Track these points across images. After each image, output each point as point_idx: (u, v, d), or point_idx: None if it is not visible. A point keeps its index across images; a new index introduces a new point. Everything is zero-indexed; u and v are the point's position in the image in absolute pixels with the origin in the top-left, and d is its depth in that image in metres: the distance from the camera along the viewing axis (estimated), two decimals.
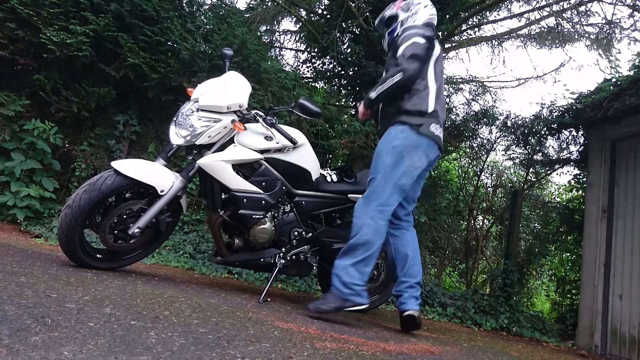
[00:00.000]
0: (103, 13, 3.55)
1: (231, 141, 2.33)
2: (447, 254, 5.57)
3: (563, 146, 5.02)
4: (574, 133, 4.76)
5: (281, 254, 2.42)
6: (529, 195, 5.46)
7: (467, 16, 5.66)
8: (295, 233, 2.47)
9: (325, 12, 6.23)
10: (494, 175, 6.06)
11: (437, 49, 2.39)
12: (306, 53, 7.09)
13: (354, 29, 5.80)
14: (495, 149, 5.67)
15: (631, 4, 5.41)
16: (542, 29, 6.53)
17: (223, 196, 2.31)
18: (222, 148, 2.30)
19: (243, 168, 2.33)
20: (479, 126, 5.40)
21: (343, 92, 6.79)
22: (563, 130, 4.77)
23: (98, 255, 2.18)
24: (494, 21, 6.78)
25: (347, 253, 2.18)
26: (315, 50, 6.54)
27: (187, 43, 3.78)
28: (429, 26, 2.45)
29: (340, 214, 2.72)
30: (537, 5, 6.22)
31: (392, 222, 2.32)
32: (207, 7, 4.67)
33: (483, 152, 5.61)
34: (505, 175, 6.10)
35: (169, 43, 3.88)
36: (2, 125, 3.47)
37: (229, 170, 2.25)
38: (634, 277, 3.52)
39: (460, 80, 7.25)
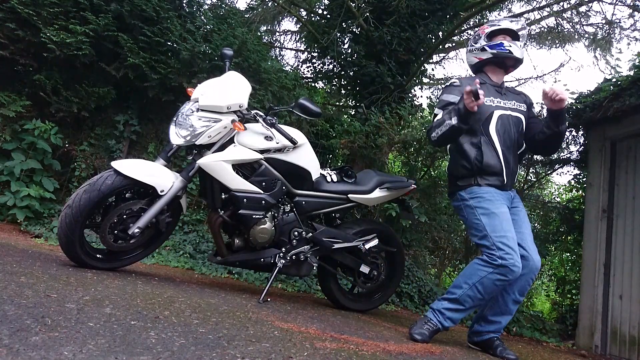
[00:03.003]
0: (103, 13, 3.55)
1: (231, 141, 2.33)
2: (447, 254, 5.56)
3: (563, 146, 5.02)
4: (574, 133, 4.75)
5: (281, 254, 2.42)
6: (529, 195, 5.46)
7: (467, 16, 5.66)
8: (295, 233, 2.47)
9: (325, 12, 6.23)
10: None
11: None
12: (306, 53, 7.10)
13: (354, 29, 5.80)
14: None
15: (631, 4, 5.41)
16: (542, 29, 6.54)
17: (223, 196, 2.31)
18: (222, 148, 2.30)
19: (243, 168, 2.33)
20: None
21: (343, 92, 6.79)
22: None
23: (98, 255, 2.18)
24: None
25: None
26: (316, 50, 6.54)
27: (187, 43, 3.78)
28: None
29: (340, 214, 2.72)
30: (537, 5, 6.23)
31: None
32: (207, 7, 4.67)
33: None
34: None
35: (169, 43, 3.88)
36: (2, 125, 3.47)
37: (229, 170, 2.25)
38: (634, 277, 3.52)
39: None
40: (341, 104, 7.67)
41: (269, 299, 2.36)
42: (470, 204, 2.25)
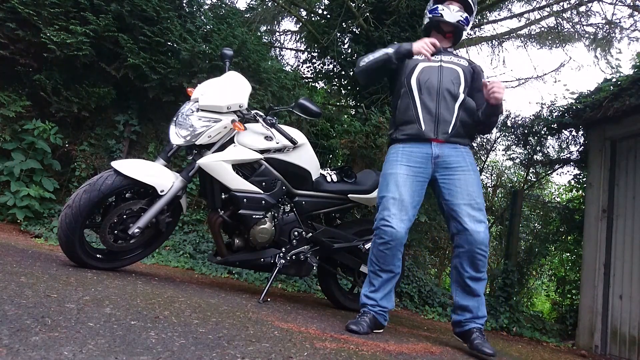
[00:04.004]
0: (103, 13, 3.55)
1: (231, 141, 2.33)
2: (447, 254, 5.56)
3: (563, 146, 5.02)
4: (574, 133, 4.76)
5: (281, 254, 2.42)
6: (529, 195, 5.46)
7: None
8: (295, 233, 2.47)
9: (325, 12, 6.23)
10: (494, 175, 6.06)
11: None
12: (306, 53, 7.10)
13: (354, 29, 5.80)
14: (495, 149, 5.67)
15: (631, 4, 5.41)
16: (542, 29, 6.54)
17: (223, 196, 2.31)
18: (222, 148, 2.30)
19: (243, 168, 2.33)
20: None
21: (343, 92, 6.79)
22: (563, 130, 4.77)
23: (98, 255, 2.18)
24: (494, 21, 6.79)
25: None
26: (316, 50, 6.54)
27: (187, 43, 3.78)
28: None
29: (340, 214, 2.72)
30: (537, 5, 6.23)
31: None
32: (207, 7, 4.66)
33: (483, 152, 5.61)
34: (505, 175, 6.10)
35: (169, 43, 3.88)
36: (2, 125, 3.47)
37: (229, 170, 2.25)
38: (634, 277, 3.52)
39: None
40: (341, 104, 7.68)
41: (269, 299, 2.36)
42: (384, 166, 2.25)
